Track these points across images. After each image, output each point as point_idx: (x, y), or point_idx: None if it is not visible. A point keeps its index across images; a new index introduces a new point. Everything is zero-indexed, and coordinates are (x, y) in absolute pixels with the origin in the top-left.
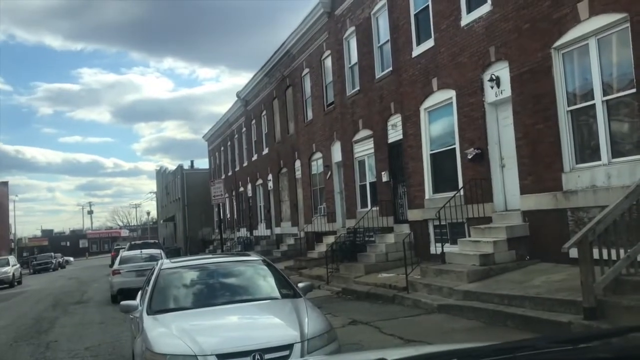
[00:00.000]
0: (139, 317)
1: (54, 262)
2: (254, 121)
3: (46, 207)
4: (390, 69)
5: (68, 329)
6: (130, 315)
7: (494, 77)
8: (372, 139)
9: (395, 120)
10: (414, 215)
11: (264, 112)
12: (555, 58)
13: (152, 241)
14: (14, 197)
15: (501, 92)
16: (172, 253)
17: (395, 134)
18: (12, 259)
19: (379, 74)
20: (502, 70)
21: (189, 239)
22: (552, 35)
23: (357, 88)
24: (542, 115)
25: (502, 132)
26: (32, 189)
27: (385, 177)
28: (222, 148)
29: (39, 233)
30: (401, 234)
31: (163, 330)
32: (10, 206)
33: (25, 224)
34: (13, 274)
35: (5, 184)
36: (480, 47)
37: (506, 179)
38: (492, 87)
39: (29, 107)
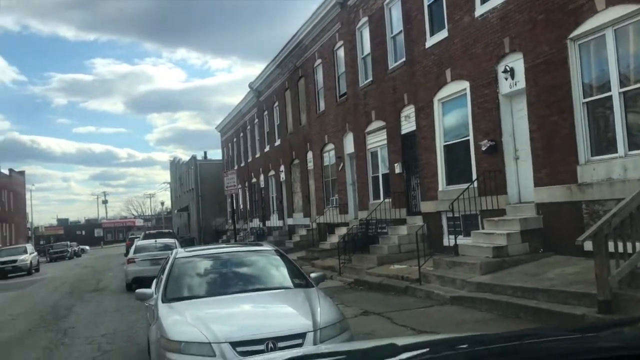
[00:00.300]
0: (154, 305)
1: (69, 250)
2: (266, 112)
3: (61, 196)
4: (404, 59)
5: (84, 316)
6: (145, 303)
7: (508, 69)
8: (385, 130)
9: (409, 111)
10: (427, 207)
11: (276, 103)
12: (571, 49)
13: (166, 231)
14: (31, 186)
15: (515, 84)
16: (186, 242)
17: (408, 125)
18: (29, 247)
19: (392, 64)
20: (516, 62)
21: (203, 229)
22: (568, 26)
23: (370, 79)
24: (557, 107)
25: (517, 123)
26: (48, 179)
27: (398, 169)
28: (235, 139)
29: (54, 222)
30: (414, 225)
31: (178, 318)
32: (27, 195)
33: (42, 213)
34: (30, 262)
35: (22, 173)
36: (494, 38)
37: (520, 171)
38: (506, 79)
39: (43, 97)
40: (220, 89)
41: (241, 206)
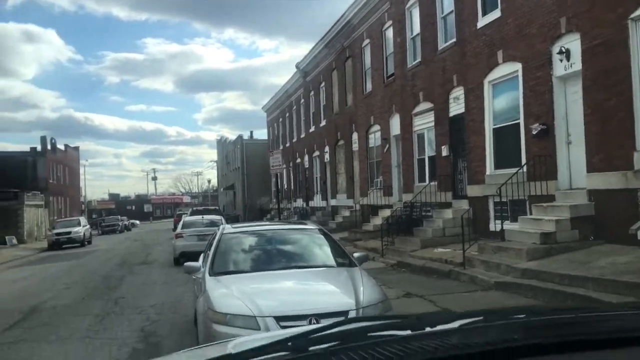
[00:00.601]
0: (201, 278)
1: (120, 224)
2: (312, 92)
3: (113, 172)
4: (454, 40)
5: (134, 287)
6: (193, 276)
7: (563, 50)
8: (432, 112)
9: (458, 93)
10: (473, 191)
11: (323, 84)
12: (632, 29)
13: (212, 207)
14: (84, 161)
15: (571, 66)
16: (231, 220)
17: (457, 107)
18: (82, 220)
19: (441, 45)
20: (572, 43)
21: (248, 207)
22: (629, 6)
23: (419, 60)
24: (615, 90)
25: (570, 107)
26: (100, 155)
27: (445, 152)
28: (281, 119)
29: (106, 197)
30: (460, 209)
31: (224, 291)
32: (81, 170)
33: (94, 187)
34: (84, 234)
35: (77, 149)
36: (550, 18)
37: (572, 156)
38: (561, 60)
39: (97, 75)
40: (266, 69)
41: (285, 186)
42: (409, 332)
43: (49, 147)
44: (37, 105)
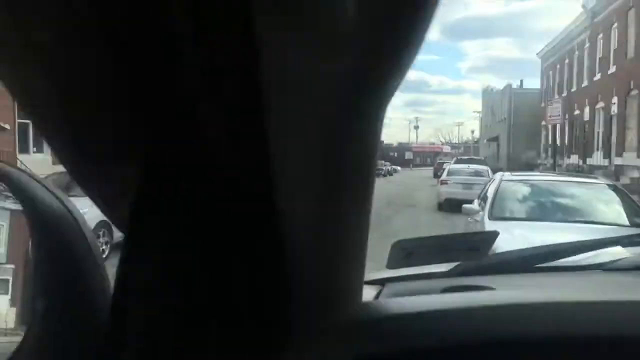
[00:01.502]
0: (479, 221)
1: (384, 169)
2: (600, 35)
3: None
4: None
5: (402, 225)
6: (469, 219)
7: None
8: None
9: None
10: None
11: (615, 24)
12: None
13: (478, 157)
14: None
15: None
16: (494, 172)
17: None
18: None
19: None
20: None
21: (511, 160)
22: None
23: None
24: None
25: None
26: None
27: None
28: (558, 66)
29: None
30: None
31: (507, 237)
32: None
33: None
34: None
35: None
36: None
37: None
38: None
39: None
40: (540, 13)
41: (557, 140)
42: None
43: None
44: None
